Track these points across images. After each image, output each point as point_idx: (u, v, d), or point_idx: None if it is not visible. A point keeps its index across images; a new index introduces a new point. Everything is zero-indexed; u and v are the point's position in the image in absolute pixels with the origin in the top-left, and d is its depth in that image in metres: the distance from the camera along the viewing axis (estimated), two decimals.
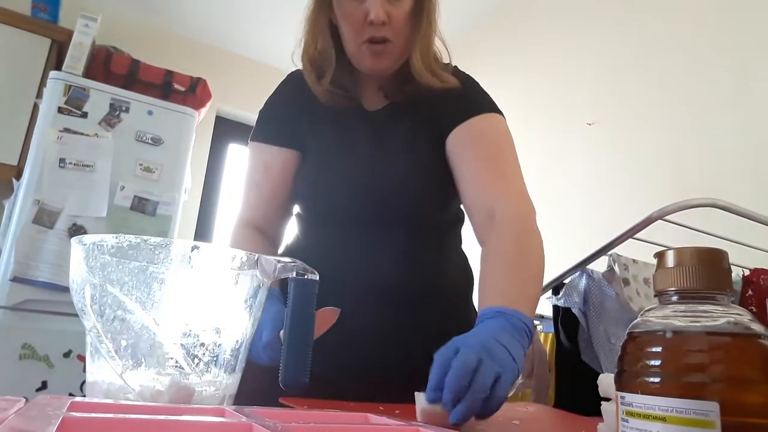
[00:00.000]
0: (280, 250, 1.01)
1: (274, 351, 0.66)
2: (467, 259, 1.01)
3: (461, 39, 3.16)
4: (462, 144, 0.91)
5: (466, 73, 1.01)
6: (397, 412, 0.62)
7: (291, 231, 1.03)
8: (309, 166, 0.96)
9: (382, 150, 0.93)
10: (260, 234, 0.97)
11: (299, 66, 1.01)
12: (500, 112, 0.96)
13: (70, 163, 2.36)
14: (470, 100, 0.96)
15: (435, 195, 0.93)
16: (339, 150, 0.94)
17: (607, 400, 0.48)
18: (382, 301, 0.88)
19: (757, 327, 0.31)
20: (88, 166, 2.39)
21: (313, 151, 0.96)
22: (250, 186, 0.99)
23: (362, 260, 0.90)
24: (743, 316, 0.31)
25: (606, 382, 0.48)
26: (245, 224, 0.97)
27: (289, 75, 1.04)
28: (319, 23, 0.94)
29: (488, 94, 0.99)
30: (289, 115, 0.99)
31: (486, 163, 0.89)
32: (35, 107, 2.64)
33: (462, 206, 0.96)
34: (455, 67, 1.01)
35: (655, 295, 0.35)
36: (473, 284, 1.00)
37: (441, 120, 0.94)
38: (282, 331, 0.65)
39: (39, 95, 2.67)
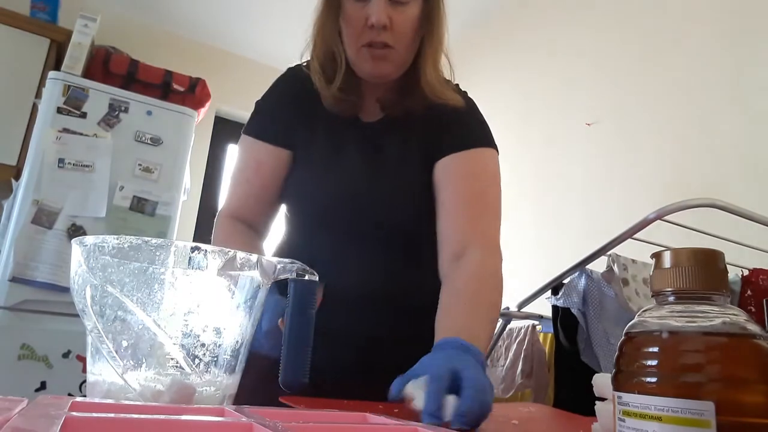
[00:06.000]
0: (271, 252, 1.01)
1: (275, 339, 0.66)
2: None
3: (460, 41, 3.17)
4: (449, 176, 0.92)
5: (468, 95, 1.00)
6: (396, 411, 0.62)
7: (279, 229, 1.03)
8: (299, 171, 0.96)
9: (373, 165, 0.93)
10: (247, 226, 0.97)
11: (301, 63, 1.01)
12: (494, 146, 0.96)
13: (69, 163, 2.36)
14: (467, 129, 0.95)
15: (419, 213, 0.93)
16: (330, 159, 0.94)
17: (602, 399, 0.48)
18: (360, 309, 0.88)
19: (752, 327, 0.31)
20: (87, 166, 2.39)
21: (305, 155, 0.96)
22: (240, 181, 0.98)
23: (344, 268, 0.90)
24: (739, 317, 0.32)
25: (601, 381, 0.48)
26: (232, 216, 0.97)
27: (288, 70, 1.03)
28: (329, 26, 0.93)
29: (486, 124, 0.98)
30: (285, 113, 0.98)
31: (467, 203, 0.89)
32: (34, 107, 2.64)
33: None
34: (457, 85, 1.01)
35: (652, 296, 0.36)
36: None
37: (435, 142, 0.93)
38: (281, 320, 0.66)
39: (38, 95, 2.67)
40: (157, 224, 2.48)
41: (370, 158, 0.94)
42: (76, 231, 2.31)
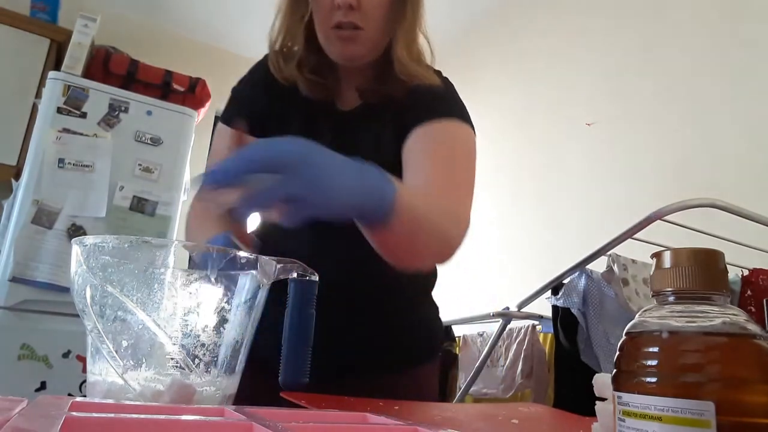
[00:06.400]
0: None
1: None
2: None
3: (460, 41, 3.17)
4: (415, 148, 0.86)
5: (448, 78, 0.97)
6: (396, 408, 0.62)
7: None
8: None
9: (348, 155, 0.92)
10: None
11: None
12: (468, 121, 0.90)
13: (69, 163, 2.36)
14: (437, 102, 0.91)
15: None
16: None
17: (603, 399, 0.48)
18: (340, 305, 0.87)
19: (752, 327, 0.31)
20: (87, 166, 2.39)
21: None
22: None
23: (321, 264, 0.88)
24: (739, 317, 0.32)
25: (601, 381, 0.48)
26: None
27: (266, 56, 1.00)
28: (291, 11, 0.92)
29: (461, 102, 0.94)
30: (260, 100, 0.96)
31: (433, 172, 0.83)
32: (34, 107, 2.64)
33: None
34: (439, 72, 0.98)
35: (652, 296, 0.35)
36: (434, 281, 1.00)
37: (406, 119, 0.89)
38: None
39: (38, 95, 2.67)
40: (157, 224, 2.48)
41: (346, 148, 0.92)
42: (76, 231, 2.31)
